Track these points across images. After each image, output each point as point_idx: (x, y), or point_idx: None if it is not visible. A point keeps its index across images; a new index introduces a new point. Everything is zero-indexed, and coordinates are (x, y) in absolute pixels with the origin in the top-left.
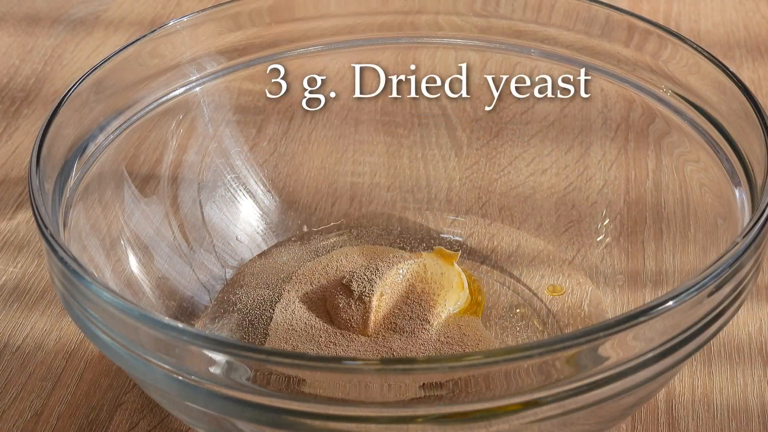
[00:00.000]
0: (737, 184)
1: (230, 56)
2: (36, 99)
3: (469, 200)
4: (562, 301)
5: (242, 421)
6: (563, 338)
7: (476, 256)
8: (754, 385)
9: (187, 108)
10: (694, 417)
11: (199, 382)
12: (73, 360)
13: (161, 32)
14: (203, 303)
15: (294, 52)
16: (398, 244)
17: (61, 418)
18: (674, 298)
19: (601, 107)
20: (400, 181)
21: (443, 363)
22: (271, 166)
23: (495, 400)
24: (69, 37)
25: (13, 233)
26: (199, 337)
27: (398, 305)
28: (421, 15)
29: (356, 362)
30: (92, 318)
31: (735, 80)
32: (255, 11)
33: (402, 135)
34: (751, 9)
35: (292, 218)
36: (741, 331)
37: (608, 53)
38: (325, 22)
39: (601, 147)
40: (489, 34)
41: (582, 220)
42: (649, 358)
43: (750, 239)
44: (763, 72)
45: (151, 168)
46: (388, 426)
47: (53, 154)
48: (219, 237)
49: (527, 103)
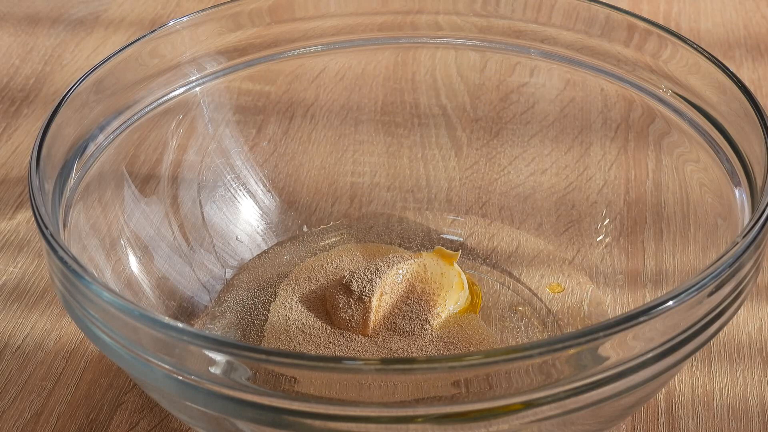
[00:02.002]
0: (737, 184)
1: (230, 56)
2: (36, 99)
3: (469, 200)
4: (562, 301)
5: (242, 421)
6: (563, 338)
7: (476, 256)
8: (754, 385)
9: (187, 108)
10: (694, 417)
11: (199, 382)
12: (73, 360)
13: (161, 32)
14: (203, 303)
15: (294, 52)
16: (398, 244)
17: (61, 418)
18: (674, 298)
19: (601, 107)
20: (400, 181)
21: (443, 363)
22: (271, 166)
23: (495, 400)
24: (69, 37)
25: (13, 233)
26: (199, 337)
27: (398, 305)
28: (421, 15)
29: (356, 362)
30: (92, 318)
31: (735, 80)
32: (255, 11)
33: (402, 135)
34: (751, 9)
35: (292, 218)
36: (741, 331)
37: (608, 53)
38: (325, 22)
39: (601, 147)
40: (489, 34)
41: (582, 220)
42: (649, 358)
43: (750, 239)
44: (763, 72)
45: (151, 168)
46: (388, 426)
47: (53, 154)
48: (219, 237)
49: (527, 103)
